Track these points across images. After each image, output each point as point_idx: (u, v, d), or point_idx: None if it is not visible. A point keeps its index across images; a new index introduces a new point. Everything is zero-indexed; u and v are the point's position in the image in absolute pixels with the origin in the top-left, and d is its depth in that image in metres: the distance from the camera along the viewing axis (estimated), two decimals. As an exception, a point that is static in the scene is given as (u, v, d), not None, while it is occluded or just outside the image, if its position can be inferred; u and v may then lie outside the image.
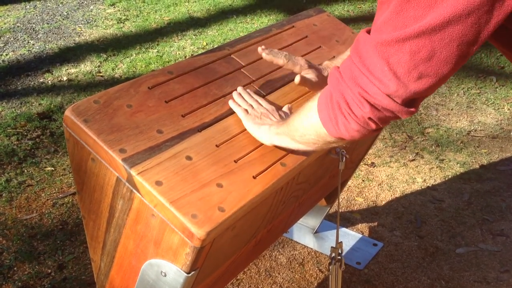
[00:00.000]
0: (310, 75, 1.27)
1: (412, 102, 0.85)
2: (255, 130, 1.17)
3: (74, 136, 1.08)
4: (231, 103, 1.22)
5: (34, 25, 3.96)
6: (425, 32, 0.76)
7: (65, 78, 3.26)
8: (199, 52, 3.61)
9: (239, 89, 1.27)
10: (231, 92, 1.27)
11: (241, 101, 1.23)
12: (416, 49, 0.78)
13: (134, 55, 3.57)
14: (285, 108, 1.26)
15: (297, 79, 1.23)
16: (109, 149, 1.03)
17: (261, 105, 1.22)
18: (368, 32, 0.87)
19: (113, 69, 3.39)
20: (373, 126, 0.89)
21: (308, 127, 1.00)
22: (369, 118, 0.87)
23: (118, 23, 4.06)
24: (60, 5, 4.35)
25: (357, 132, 0.90)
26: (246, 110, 1.20)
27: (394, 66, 0.80)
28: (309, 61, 1.32)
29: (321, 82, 1.28)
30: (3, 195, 2.30)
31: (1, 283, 1.90)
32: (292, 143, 1.08)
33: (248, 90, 1.27)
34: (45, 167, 2.48)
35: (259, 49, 1.26)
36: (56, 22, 4.02)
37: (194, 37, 3.86)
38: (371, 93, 0.84)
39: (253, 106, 1.21)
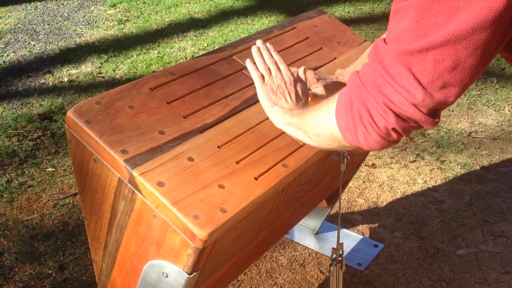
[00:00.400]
0: (319, 89, 1.25)
1: (435, 112, 0.83)
2: (268, 108, 1.15)
3: (76, 137, 1.09)
4: (248, 63, 1.17)
5: (35, 26, 3.96)
6: (449, 40, 0.74)
7: (66, 79, 3.26)
8: (200, 53, 3.62)
9: (259, 42, 1.21)
10: (232, 93, 1.27)
11: (260, 62, 1.18)
12: (440, 58, 0.76)
13: (135, 56, 3.57)
14: (300, 72, 1.22)
15: (301, 72, 1.21)
16: (111, 150, 1.03)
17: (280, 72, 1.18)
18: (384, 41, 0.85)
19: (114, 70, 3.39)
20: (395, 136, 0.87)
21: (324, 129, 0.97)
22: (393, 129, 0.85)
23: (119, 24, 4.06)
24: (61, 6, 4.35)
25: (376, 144, 0.88)
26: (263, 77, 1.16)
27: (418, 75, 0.78)
28: (317, 73, 1.30)
29: (329, 93, 1.25)
30: (4, 195, 2.30)
31: (2, 284, 1.90)
32: (305, 138, 1.05)
33: (268, 44, 1.21)
34: (46, 168, 2.48)
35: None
36: (57, 23, 4.03)
37: (195, 38, 3.87)
38: (397, 103, 0.81)
39: (271, 72, 1.17)
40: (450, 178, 2.54)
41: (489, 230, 2.22)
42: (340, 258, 1.55)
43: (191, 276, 1.06)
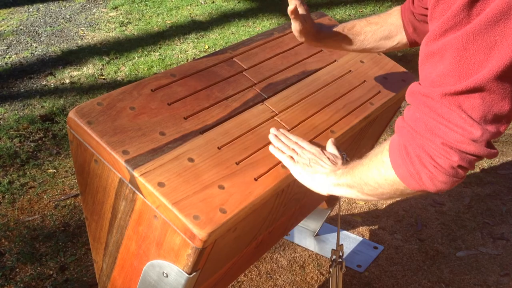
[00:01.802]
0: (301, 11, 1.25)
1: (490, 143, 0.84)
2: (309, 181, 1.12)
3: (77, 137, 1.09)
4: (272, 150, 1.18)
5: (37, 28, 3.98)
6: (494, 76, 0.75)
7: (67, 81, 3.27)
8: (201, 55, 3.63)
9: (273, 130, 1.22)
10: (233, 95, 1.28)
11: (282, 145, 1.18)
12: (487, 94, 0.77)
13: (137, 58, 3.58)
14: (329, 148, 1.22)
15: (290, 7, 1.19)
16: (112, 150, 1.04)
17: (304, 148, 1.18)
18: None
19: (115, 72, 3.40)
20: (462, 172, 0.85)
21: (382, 183, 0.95)
22: (459, 166, 0.83)
23: (120, 26, 4.07)
24: (63, 8, 4.37)
25: (444, 184, 0.86)
26: (292, 157, 1.16)
27: (469, 112, 0.79)
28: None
29: (313, 33, 1.27)
30: (6, 196, 2.31)
31: (3, 284, 1.91)
32: (361, 195, 1.03)
33: (282, 130, 1.23)
34: (47, 169, 2.49)
35: None
36: (59, 25, 4.04)
37: (196, 40, 3.88)
38: (455, 142, 0.81)
39: (297, 151, 1.17)
40: (450, 180, 2.54)
41: (488, 232, 2.23)
42: (340, 260, 1.56)
43: (191, 276, 1.06)
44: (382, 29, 1.32)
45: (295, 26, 1.26)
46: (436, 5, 0.80)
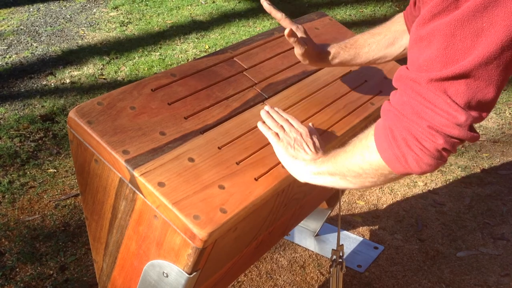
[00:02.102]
0: (300, 34, 1.27)
1: (472, 127, 0.85)
2: (289, 164, 1.12)
3: (77, 137, 1.09)
4: (260, 125, 1.18)
5: (37, 27, 3.98)
6: (480, 63, 0.76)
7: (68, 81, 3.27)
8: (202, 55, 3.63)
9: (267, 107, 1.22)
10: (233, 95, 1.28)
11: (271, 121, 1.18)
12: (472, 81, 0.78)
13: (137, 58, 3.58)
14: (311, 125, 1.22)
15: (286, 31, 1.20)
16: (112, 150, 1.04)
17: (293, 126, 1.17)
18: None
19: (115, 72, 3.40)
20: (446, 155, 0.87)
21: (366, 167, 0.95)
22: (443, 148, 0.85)
23: (121, 26, 4.07)
24: (63, 8, 4.37)
25: (429, 166, 0.87)
26: (277, 135, 1.16)
27: (453, 97, 0.80)
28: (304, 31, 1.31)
29: (315, 54, 1.28)
30: (6, 196, 2.31)
31: (3, 284, 1.91)
32: (343, 182, 1.03)
33: (276, 108, 1.23)
34: (47, 169, 2.49)
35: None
36: (59, 25, 4.04)
37: (196, 40, 3.88)
38: (441, 125, 0.82)
39: (285, 128, 1.17)
40: (451, 180, 2.54)
41: (489, 233, 2.23)
42: (340, 260, 1.56)
43: (191, 276, 1.06)
44: (387, 38, 1.32)
45: (296, 50, 1.27)
46: None
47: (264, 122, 1.20)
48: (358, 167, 0.97)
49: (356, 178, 0.99)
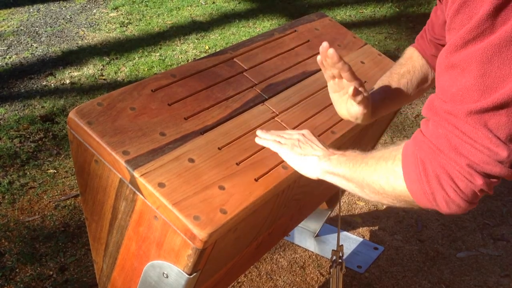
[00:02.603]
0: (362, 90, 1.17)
1: None
2: (299, 162, 1.07)
3: (77, 138, 1.09)
4: (258, 140, 1.14)
5: (37, 28, 3.98)
6: None
7: (68, 81, 3.27)
8: (202, 56, 3.63)
9: (258, 132, 1.18)
10: (233, 96, 1.28)
11: (269, 135, 1.15)
12: None
13: (137, 58, 3.58)
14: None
15: (350, 90, 1.08)
16: (112, 151, 1.04)
17: (291, 134, 1.14)
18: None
19: (115, 73, 3.40)
20: (480, 196, 0.81)
21: (388, 191, 0.90)
22: (480, 190, 0.79)
23: (121, 26, 4.07)
24: (64, 8, 4.37)
25: (459, 208, 0.81)
26: (279, 142, 1.12)
27: (495, 131, 0.74)
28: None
29: (369, 113, 1.17)
30: (6, 197, 2.31)
31: (3, 285, 1.91)
32: (356, 191, 0.98)
33: (270, 131, 1.19)
34: (47, 170, 2.49)
35: (324, 45, 1.05)
36: (59, 26, 4.04)
37: (196, 41, 3.88)
38: (482, 163, 0.76)
39: (284, 136, 1.12)
40: (451, 181, 2.54)
41: (489, 233, 2.23)
42: (340, 260, 1.56)
43: (191, 276, 1.06)
44: (414, 75, 1.28)
45: (359, 109, 1.12)
46: (457, 14, 0.75)
47: (260, 136, 1.17)
48: (379, 186, 0.92)
49: (375, 194, 0.94)
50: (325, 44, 1.05)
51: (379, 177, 0.91)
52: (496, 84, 0.72)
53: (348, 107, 1.15)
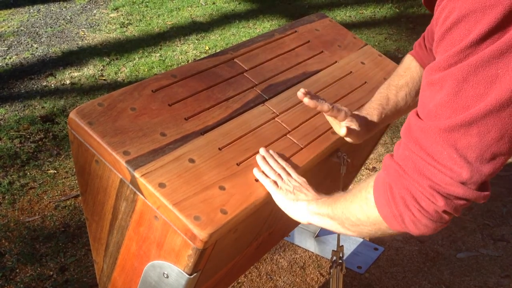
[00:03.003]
0: (354, 123, 1.21)
1: (484, 184, 0.79)
2: (289, 207, 1.09)
3: (78, 138, 1.10)
4: (256, 173, 1.13)
5: (37, 29, 3.98)
6: (492, 110, 0.71)
7: (68, 82, 3.28)
8: (202, 56, 3.63)
9: (262, 151, 1.17)
10: (234, 96, 1.28)
11: (268, 169, 1.13)
12: (484, 130, 0.73)
13: (137, 59, 3.59)
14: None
15: (343, 130, 1.17)
16: (113, 151, 1.04)
17: (291, 175, 1.14)
18: (417, 114, 0.81)
19: (116, 73, 3.40)
20: (447, 218, 0.82)
21: (364, 220, 0.92)
22: (443, 211, 0.80)
23: (121, 27, 4.08)
24: (64, 9, 4.37)
25: (427, 228, 0.83)
26: (276, 183, 1.12)
27: (463, 151, 0.75)
28: (350, 110, 1.26)
29: (364, 131, 1.23)
30: (6, 197, 2.31)
31: (3, 285, 1.91)
32: (341, 229, 1.00)
33: (271, 151, 1.18)
34: (47, 170, 2.49)
35: (299, 93, 1.14)
36: (59, 26, 4.04)
37: (196, 41, 3.88)
38: (443, 184, 0.77)
39: (282, 177, 1.13)
40: (451, 182, 2.54)
41: (489, 234, 2.23)
42: (340, 261, 1.56)
43: (192, 276, 1.06)
44: (413, 86, 1.29)
45: (348, 139, 1.22)
46: (442, 39, 0.76)
47: (260, 169, 1.14)
48: (355, 217, 0.94)
49: (353, 226, 0.96)
50: (299, 93, 1.13)
51: (355, 208, 0.93)
52: (469, 103, 0.73)
53: (337, 130, 1.25)
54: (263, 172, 1.13)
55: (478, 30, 0.71)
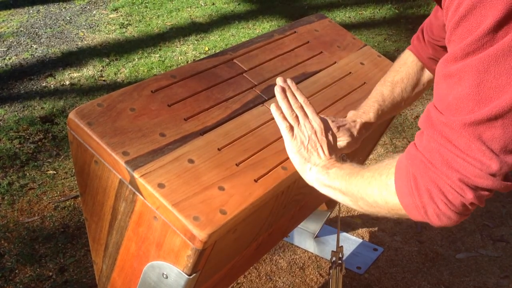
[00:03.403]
0: (343, 138, 1.22)
1: (507, 175, 0.79)
2: (300, 166, 1.09)
3: (77, 138, 1.10)
4: (274, 110, 1.10)
5: (37, 29, 3.98)
6: None
7: (67, 82, 3.28)
8: (201, 57, 3.63)
9: (280, 81, 1.13)
10: (233, 97, 1.28)
11: (286, 108, 1.11)
12: (509, 122, 0.72)
13: (137, 59, 3.59)
14: (331, 124, 1.18)
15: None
16: (112, 151, 1.04)
17: (307, 118, 1.11)
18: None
19: (115, 74, 3.40)
20: (471, 209, 0.81)
21: (381, 204, 0.91)
22: (470, 203, 0.80)
23: (120, 28, 4.08)
24: (63, 10, 4.37)
25: (450, 220, 0.82)
26: (291, 128, 1.10)
27: (489, 143, 0.74)
28: (334, 119, 1.25)
29: (354, 141, 1.24)
30: (5, 198, 2.31)
31: (3, 286, 1.91)
32: (350, 204, 0.99)
33: (289, 81, 1.15)
34: (47, 171, 2.49)
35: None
36: (59, 27, 4.05)
37: (196, 42, 3.88)
38: (473, 176, 0.76)
39: (299, 121, 1.10)
40: (450, 182, 2.54)
41: (488, 234, 2.23)
42: (340, 262, 1.56)
43: (191, 277, 1.06)
44: (408, 82, 1.30)
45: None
46: (457, 27, 0.75)
47: (277, 105, 1.12)
48: (372, 199, 0.92)
49: (368, 207, 0.95)
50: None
51: (373, 191, 0.92)
52: (492, 95, 0.72)
53: None
54: (281, 112, 1.10)
55: (494, 15, 0.70)
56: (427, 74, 1.33)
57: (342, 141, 1.23)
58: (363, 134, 1.27)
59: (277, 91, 1.13)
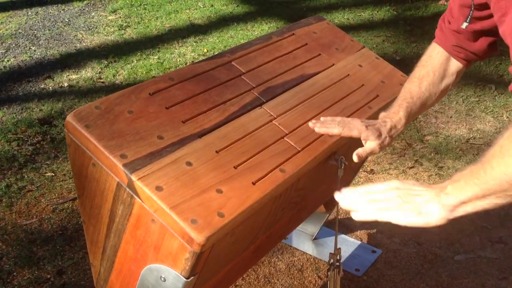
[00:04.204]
0: (370, 138, 1.21)
1: None
2: (420, 218, 0.92)
3: (75, 141, 1.09)
4: (355, 216, 0.99)
5: (35, 31, 3.98)
6: None
7: (66, 84, 3.27)
8: (200, 59, 3.63)
9: (338, 196, 1.02)
10: (231, 99, 1.28)
11: (356, 197, 0.99)
12: None
13: (135, 61, 3.59)
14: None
15: (355, 158, 1.17)
16: (110, 154, 1.04)
17: (382, 190, 0.98)
18: None
19: (114, 76, 3.40)
20: None
21: None
22: None
23: (119, 29, 4.08)
24: (62, 11, 4.37)
25: None
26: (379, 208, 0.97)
27: None
28: (364, 120, 1.25)
29: (383, 142, 1.24)
30: (3, 200, 2.30)
31: (1, 288, 1.91)
32: (499, 199, 0.87)
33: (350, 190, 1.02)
34: (45, 173, 2.49)
35: (310, 124, 1.24)
36: (57, 29, 4.04)
37: (194, 44, 3.88)
38: None
39: (378, 198, 0.98)
40: (448, 184, 2.54)
41: (487, 236, 2.23)
42: (338, 264, 1.56)
43: (189, 280, 1.06)
44: (434, 75, 1.29)
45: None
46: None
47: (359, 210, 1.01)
48: None
49: None
50: (310, 124, 1.26)
51: None
52: None
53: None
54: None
55: None
56: (454, 64, 1.31)
57: (370, 142, 1.23)
58: (394, 134, 1.27)
59: (344, 202, 1.03)
